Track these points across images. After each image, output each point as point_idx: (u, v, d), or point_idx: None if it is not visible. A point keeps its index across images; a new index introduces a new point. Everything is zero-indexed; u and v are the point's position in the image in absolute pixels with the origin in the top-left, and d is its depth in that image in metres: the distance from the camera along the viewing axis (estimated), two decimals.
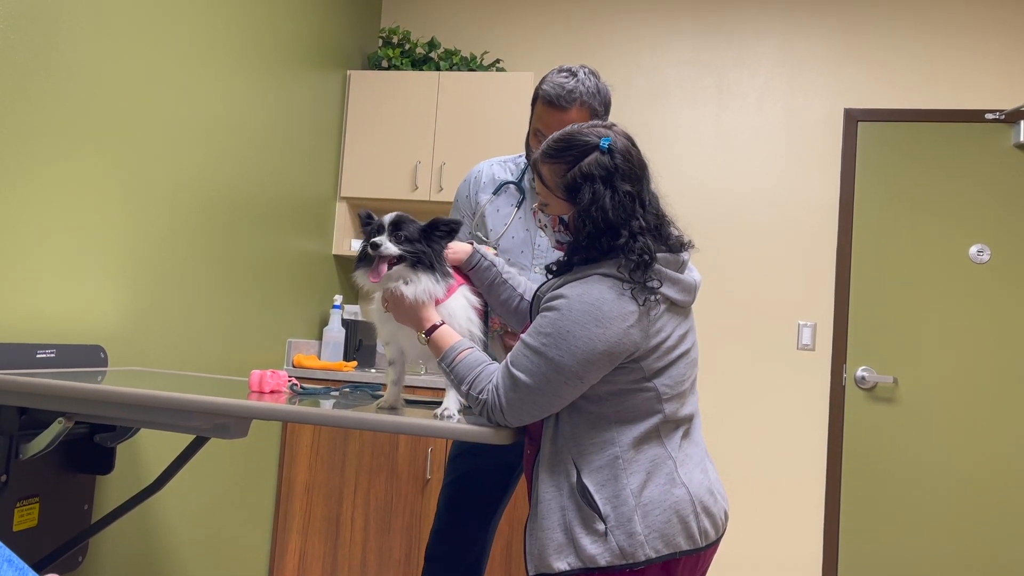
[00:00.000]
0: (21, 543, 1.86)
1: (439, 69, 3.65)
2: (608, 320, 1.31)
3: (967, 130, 3.45)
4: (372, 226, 1.49)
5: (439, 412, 1.47)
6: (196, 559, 2.68)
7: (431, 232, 1.50)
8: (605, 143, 1.39)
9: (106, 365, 2.11)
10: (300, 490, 3.18)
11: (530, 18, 3.86)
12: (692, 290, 1.44)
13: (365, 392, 1.89)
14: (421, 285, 1.46)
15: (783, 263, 3.55)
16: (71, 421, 1.64)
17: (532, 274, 1.95)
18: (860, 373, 3.44)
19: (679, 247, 1.44)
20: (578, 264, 1.43)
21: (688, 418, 1.44)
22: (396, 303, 1.49)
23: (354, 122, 3.58)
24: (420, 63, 3.68)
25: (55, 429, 1.65)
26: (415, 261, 1.47)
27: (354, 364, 3.31)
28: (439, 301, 1.49)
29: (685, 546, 1.36)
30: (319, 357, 3.37)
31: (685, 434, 1.43)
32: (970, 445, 3.33)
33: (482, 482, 2.02)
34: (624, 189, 1.37)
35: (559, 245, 1.49)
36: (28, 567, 0.84)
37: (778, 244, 3.56)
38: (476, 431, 1.40)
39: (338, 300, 3.42)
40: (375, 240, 1.45)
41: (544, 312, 1.37)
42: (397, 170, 3.53)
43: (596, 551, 1.33)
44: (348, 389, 1.93)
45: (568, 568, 1.34)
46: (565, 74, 1.83)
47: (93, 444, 1.92)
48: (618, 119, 1.55)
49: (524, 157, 2.06)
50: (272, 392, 1.70)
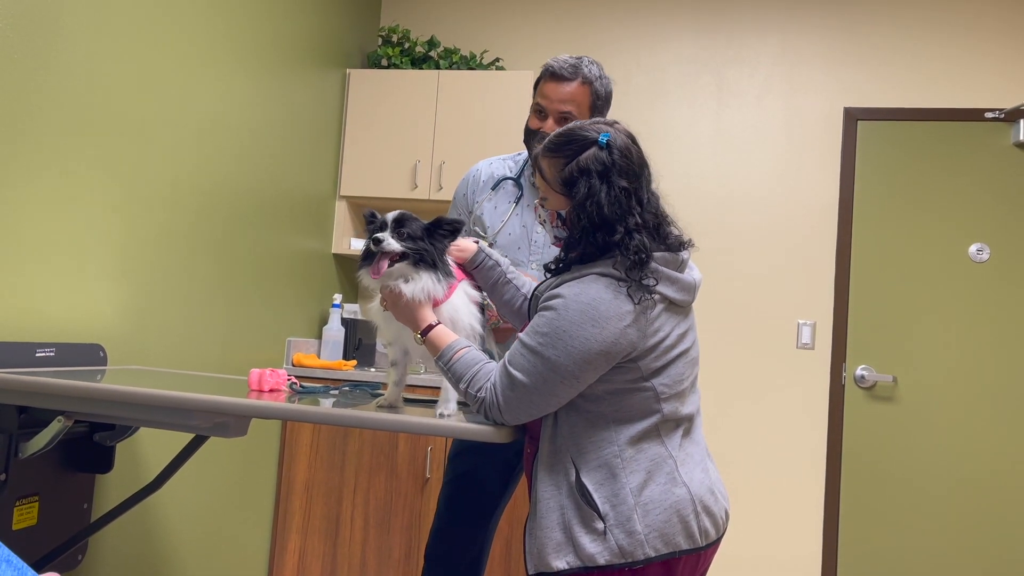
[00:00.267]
0: (20, 542, 1.86)
1: (439, 68, 3.65)
2: (605, 320, 1.31)
3: (967, 129, 3.45)
4: (376, 223, 1.49)
5: (438, 411, 1.47)
6: (195, 558, 2.68)
7: (434, 230, 1.50)
8: (604, 139, 1.39)
9: (105, 364, 2.10)
10: (300, 489, 3.18)
11: (530, 17, 3.86)
12: (692, 289, 1.44)
13: (364, 391, 1.89)
14: (420, 283, 1.46)
15: (782, 262, 3.55)
16: (70, 420, 1.64)
17: (531, 270, 1.95)
18: (860, 372, 3.44)
19: (679, 246, 1.44)
20: (575, 261, 1.43)
21: (689, 417, 1.44)
22: (394, 301, 1.49)
23: (353, 121, 3.58)
24: (420, 62, 3.68)
25: (54, 428, 1.65)
26: (417, 259, 1.47)
27: (354, 363, 3.31)
28: (439, 301, 1.49)
29: (685, 545, 1.36)
30: (318, 356, 3.37)
31: (686, 433, 1.43)
32: (969, 444, 3.33)
33: (482, 481, 2.02)
34: (620, 185, 1.37)
35: (557, 241, 1.49)
36: (27, 566, 0.84)
37: (777, 243, 3.56)
38: (476, 429, 1.40)
39: (337, 299, 3.42)
40: (377, 236, 1.45)
41: (541, 312, 1.37)
42: (397, 169, 3.53)
43: (595, 550, 1.32)
44: (347, 388, 1.93)
45: (567, 567, 1.33)
46: (570, 56, 1.95)
47: (92, 443, 1.92)
48: (617, 117, 1.55)
49: (523, 155, 2.07)
50: (271, 391, 1.70)
